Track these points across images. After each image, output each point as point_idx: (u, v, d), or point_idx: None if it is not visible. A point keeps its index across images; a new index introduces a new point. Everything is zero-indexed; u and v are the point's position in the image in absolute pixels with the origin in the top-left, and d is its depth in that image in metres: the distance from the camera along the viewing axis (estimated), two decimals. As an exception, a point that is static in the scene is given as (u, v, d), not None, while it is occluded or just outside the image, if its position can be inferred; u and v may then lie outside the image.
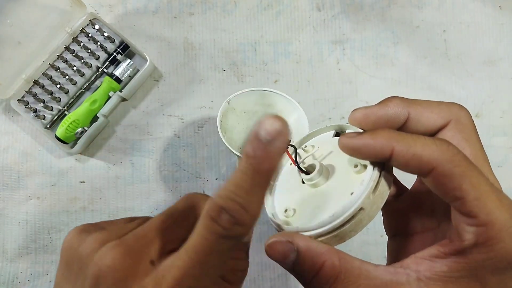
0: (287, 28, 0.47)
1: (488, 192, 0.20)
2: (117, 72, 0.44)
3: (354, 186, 0.23)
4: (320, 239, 0.23)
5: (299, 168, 0.26)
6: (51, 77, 0.44)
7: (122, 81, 0.44)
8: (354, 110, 0.26)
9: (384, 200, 0.23)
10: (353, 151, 0.23)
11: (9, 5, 0.42)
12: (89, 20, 0.44)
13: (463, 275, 0.20)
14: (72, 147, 0.44)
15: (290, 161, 0.28)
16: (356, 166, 0.24)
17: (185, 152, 0.45)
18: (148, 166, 0.45)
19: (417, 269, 0.21)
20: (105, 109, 0.43)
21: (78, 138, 0.43)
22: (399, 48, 0.47)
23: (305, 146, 0.28)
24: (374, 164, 0.23)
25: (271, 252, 0.22)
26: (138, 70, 0.44)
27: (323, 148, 0.27)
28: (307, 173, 0.26)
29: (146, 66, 0.44)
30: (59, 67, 0.44)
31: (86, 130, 0.43)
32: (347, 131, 0.27)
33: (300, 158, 0.27)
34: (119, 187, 0.45)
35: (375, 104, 0.25)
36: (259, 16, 0.47)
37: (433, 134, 0.24)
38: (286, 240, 0.22)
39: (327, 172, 0.25)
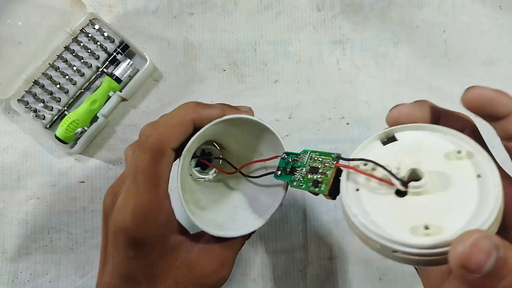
0: (287, 28, 0.47)
1: None
2: (117, 72, 0.44)
3: (475, 169, 0.22)
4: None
5: (398, 179, 0.22)
6: (51, 77, 0.44)
7: (122, 81, 0.44)
8: (392, 108, 0.26)
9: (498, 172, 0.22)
10: (477, 104, 0.23)
11: (9, 5, 0.42)
12: (89, 20, 0.44)
13: None
14: (72, 147, 0.44)
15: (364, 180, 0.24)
16: (459, 152, 0.22)
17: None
18: (148, 166, 0.45)
19: None
20: (105, 109, 0.43)
21: (78, 138, 0.43)
22: (399, 48, 0.47)
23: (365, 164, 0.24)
24: (473, 142, 0.23)
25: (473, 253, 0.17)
26: (138, 70, 0.45)
27: (386, 159, 0.24)
28: (411, 180, 0.22)
29: (146, 66, 0.44)
30: (59, 67, 0.44)
31: (86, 130, 0.43)
32: (396, 134, 0.25)
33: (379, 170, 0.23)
34: (119, 187, 0.45)
35: (410, 103, 0.26)
36: (259, 16, 0.47)
37: None
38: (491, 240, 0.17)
39: (432, 173, 0.22)
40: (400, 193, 0.22)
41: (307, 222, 0.44)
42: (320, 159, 0.27)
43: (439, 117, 0.25)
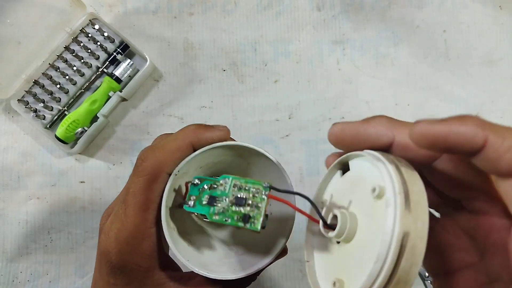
0: (287, 28, 0.47)
1: None
2: (117, 72, 0.44)
3: (382, 214, 0.18)
4: None
5: (325, 224, 0.21)
6: (51, 77, 0.44)
7: (122, 81, 0.44)
8: (334, 124, 0.22)
9: (426, 207, 0.18)
10: (435, 141, 0.17)
11: (9, 5, 0.41)
12: (89, 20, 0.44)
13: None
14: (72, 147, 0.44)
15: (312, 223, 0.23)
16: (374, 190, 0.19)
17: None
18: (148, 166, 0.45)
19: None
20: (105, 109, 0.43)
21: (78, 138, 0.43)
22: (399, 48, 0.47)
23: (324, 201, 0.23)
24: (391, 174, 0.18)
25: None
26: (138, 70, 0.44)
27: (338, 193, 0.22)
28: (333, 228, 0.20)
29: (146, 66, 0.44)
30: (59, 67, 0.44)
31: (86, 130, 0.43)
32: (351, 162, 0.22)
33: (320, 213, 0.22)
34: (119, 187, 0.45)
35: (358, 121, 0.21)
36: (259, 16, 0.47)
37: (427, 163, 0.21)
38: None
39: (354, 218, 0.20)
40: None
41: (307, 221, 0.44)
42: (247, 188, 0.23)
43: (393, 135, 0.20)
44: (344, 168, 0.23)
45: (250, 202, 0.23)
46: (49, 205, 0.44)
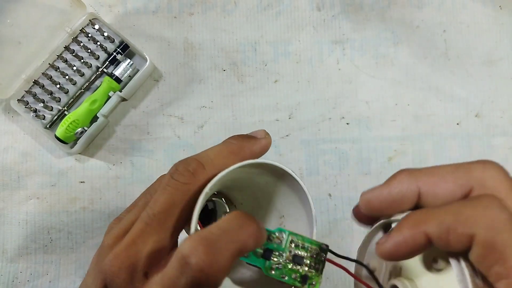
0: (287, 28, 0.47)
1: None
2: (117, 72, 0.44)
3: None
4: None
5: None
6: (51, 77, 0.44)
7: (122, 81, 0.44)
8: (361, 195, 0.22)
9: None
10: (394, 256, 0.19)
11: (9, 5, 0.41)
12: (89, 20, 0.44)
13: None
14: (72, 147, 0.44)
15: None
16: (435, 261, 0.19)
17: (185, 152, 0.45)
18: (148, 166, 0.45)
19: None
20: (105, 109, 0.43)
21: (78, 138, 0.43)
22: (399, 48, 0.47)
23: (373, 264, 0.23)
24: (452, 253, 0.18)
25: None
26: (138, 70, 0.44)
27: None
28: None
29: (146, 66, 0.44)
30: (59, 67, 0.44)
31: (86, 130, 0.43)
32: (393, 225, 0.22)
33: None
34: (119, 187, 0.45)
35: (381, 184, 0.21)
36: (259, 16, 0.47)
37: None
38: None
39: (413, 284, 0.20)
40: None
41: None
42: (305, 247, 0.22)
43: (418, 188, 0.20)
44: (386, 227, 0.22)
45: (307, 262, 0.22)
46: (49, 205, 0.44)
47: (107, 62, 0.45)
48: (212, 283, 0.19)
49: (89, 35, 0.44)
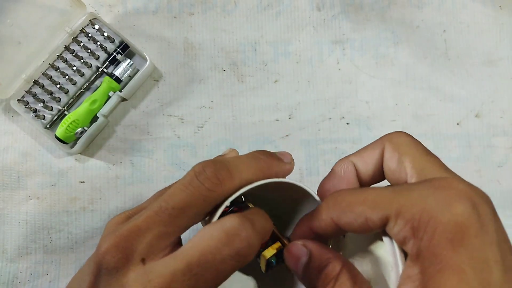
0: (287, 28, 0.47)
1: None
2: (117, 72, 0.44)
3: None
4: None
5: None
6: (51, 77, 0.44)
7: (122, 81, 0.44)
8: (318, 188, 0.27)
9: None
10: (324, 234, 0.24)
11: (9, 5, 0.41)
12: (89, 20, 0.44)
13: None
14: (72, 147, 0.44)
15: None
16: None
17: (185, 152, 0.45)
18: (148, 166, 0.45)
19: None
20: (105, 109, 0.43)
21: (78, 138, 0.43)
22: (399, 48, 0.47)
23: None
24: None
25: (287, 255, 0.24)
26: (138, 70, 0.44)
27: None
28: None
29: (146, 66, 0.44)
30: (59, 67, 0.44)
31: (86, 130, 0.43)
32: None
33: None
34: (119, 187, 0.45)
35: (326, 175, 0.27)
36: (259, 16, 0.47)
37: (381, 169, 0.25)
38: (301, 243, 0.23)
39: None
40: None
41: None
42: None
43: (353, 163, 0.26)
44: None
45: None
46: (49, 205, 0.44)
47: (107, 62, 0.45)
48: (250, 257, 0.22)
49: (89, 35, 0.44)
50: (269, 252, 0.24)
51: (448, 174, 0.22)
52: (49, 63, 0.44)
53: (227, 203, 0.23)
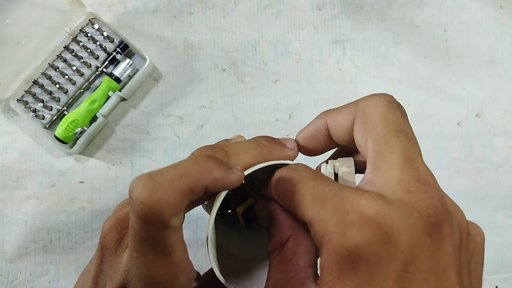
0: (287, 28, 0.47)
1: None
2: (117, 71, 0.44)
3: None
4: None
5: None
6: (51, 76, 0.44)
7: (121, 80, 0.44)
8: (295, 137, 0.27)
9: (353, 176, 0.23)
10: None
11: (8, 5, 0.41)
12: (89, 20, 0.44)
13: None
14: (71, 147, 0.43)
15: None
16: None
17: (184, 152, 0.45)
18: (148, 166, 0.45)
19: None
20: (104, 109, 0.43)
21: (78, 138, 0.43)
22: (399, 48, 0.47)
23: None
24: (326, 167, 0.24)
25: (258, 215, 0.24)
26: (137, 70, 0.44)
27: None
28: None
29: (145, 66, 0.43)
30: (58, 66, 0.44)
31: (85, 130, 0.43)
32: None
33: None
34: (118, 187, 0.45)
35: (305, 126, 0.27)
36: (259, 16, 0.47)
37: (351, 133, 0.24)
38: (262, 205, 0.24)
39: None
40: None
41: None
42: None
43: (325, 122, 0.27)
44: None
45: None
46: (49, 205, 0.44)
47: (107, 62, 0.44)
48: (157, 218, 0.18)
49: (89, 34, 0.44)
50: (241, 208, 0.26)
51: (403, 173, 0.19)
52: (48, 63, 0.44)
53: (223, 194, 0.23)
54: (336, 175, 0.23)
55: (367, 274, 0.17)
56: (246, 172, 0.22)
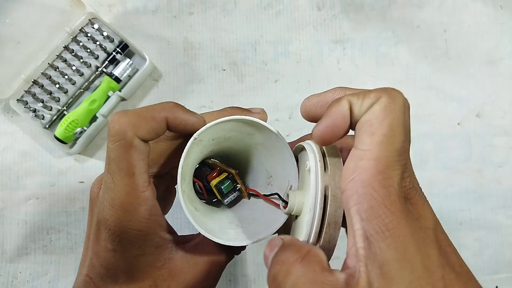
0: (287, 28, 0.47)
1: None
2: (117, 71, 0.44)
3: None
4: (323, 236, 0.22)
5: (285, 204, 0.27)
6: (50, 76, 0.44)
7: (121, 80, 0.44)
8: (302, 102, 0.27)
9: (341, 168, 0.23)
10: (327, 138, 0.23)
11: (9, 5, 0.41)
12: (89, 20, 0.44)
13: None
14: (71, 147, 0.43)
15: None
16: (306, 166, 0.25)
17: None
18: (148, 166, 0.45)
19: None
20: (104, 109, 0.43)
21: (77, 138, 0.43)
22: (399, 48, 0.47)
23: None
24: (315, 152, 0.25)
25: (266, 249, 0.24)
26: (137, 70, 0.44)
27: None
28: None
29: (145, 66, 0.43)
30: (58, 66, 0.44)
31: (85, 130, 0.43)
32: (299, 155, 0.29)
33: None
34: (118, 187, 0.45)
35: (317, 94, 0.27)
36: (259, 15, 0.47)
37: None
38: (279, 237, 0.24)
39: (301, 195, 0.26)
40: None
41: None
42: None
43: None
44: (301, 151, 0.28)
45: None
46: (48, 205, 0.44)
47: (107, 62, 0.44)
48: (123, 135, 0.24)
49: (89, 34, 0.44)
50: (215, 181, 0.29)
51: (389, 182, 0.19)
52: (48, 63, 0.44)
53: (189, 145, 0.25)
54: (323, 155, 0.25)
55: None
56: (208, 125, 0.25)
